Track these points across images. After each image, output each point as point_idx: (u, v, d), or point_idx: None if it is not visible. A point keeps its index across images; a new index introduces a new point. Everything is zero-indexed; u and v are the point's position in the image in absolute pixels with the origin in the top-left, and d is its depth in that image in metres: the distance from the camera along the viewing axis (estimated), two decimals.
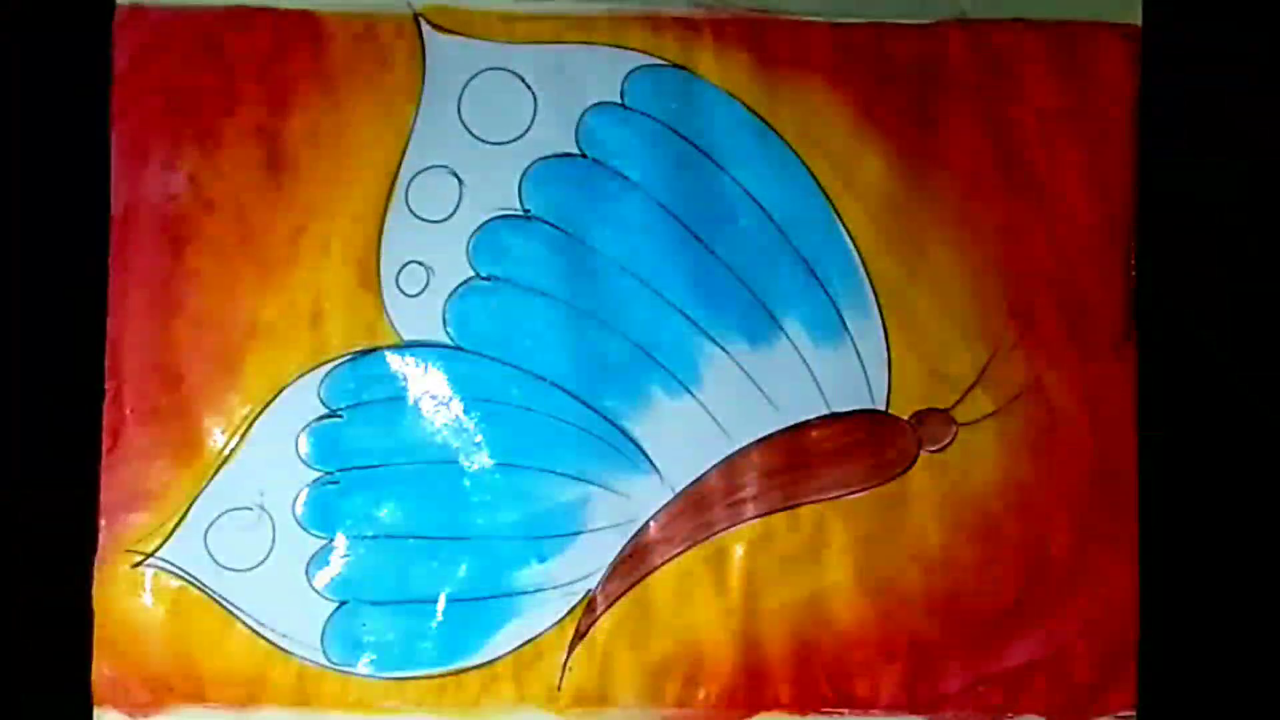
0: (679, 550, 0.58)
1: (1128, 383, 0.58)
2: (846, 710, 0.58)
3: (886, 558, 0.58)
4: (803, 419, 0.58)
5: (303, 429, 0.58)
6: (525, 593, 0.58)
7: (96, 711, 0.57)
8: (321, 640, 0.57)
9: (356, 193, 0.58)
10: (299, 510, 0.58)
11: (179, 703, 0.57)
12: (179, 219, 0.58)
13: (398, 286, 0.58)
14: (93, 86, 0.58)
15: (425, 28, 0.59)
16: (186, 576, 0.58)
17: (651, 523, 0.58)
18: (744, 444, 0.58)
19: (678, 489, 0.58)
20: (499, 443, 0.58)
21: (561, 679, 0.58)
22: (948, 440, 0.58)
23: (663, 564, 0.58)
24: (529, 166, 0.59)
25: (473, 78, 0.59)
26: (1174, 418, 0.60)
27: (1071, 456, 0.58)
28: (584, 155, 0.59)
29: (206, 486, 0.58)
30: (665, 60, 0.59)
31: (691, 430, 0.58)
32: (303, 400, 0.58)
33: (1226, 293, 0.62)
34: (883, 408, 0.59)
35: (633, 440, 0.58)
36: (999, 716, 0.58)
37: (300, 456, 0.58)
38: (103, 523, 0.57)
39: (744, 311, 0.58)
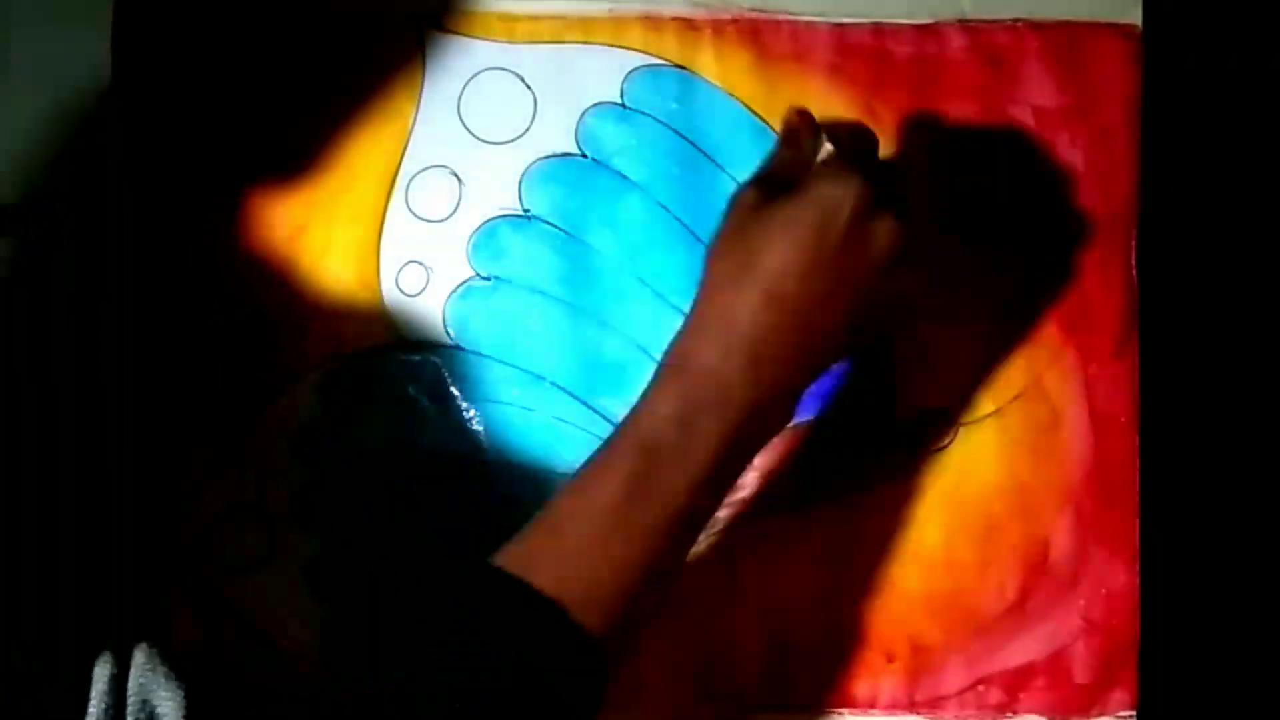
0: None
1: (1128, 383, 0.58)
2: (846, 710, 0.58)
3: (886, 558, 0.58)
4: (802, 418, 0.58)
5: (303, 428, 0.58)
6: None
7: None
8: None
9: (356, 193, 0.58)
10: (297, 510, 0.58)
11: None
12: (179, 218, 0.58)
13: (398, 286, 0.58)
14: (93, 86, 0.58)
15: (425, 27, 0.59)
16: None
17: None
18: None
19: None
20: (499, 443, 0.58)
21: None
22: (948, 440, 0.58)
23: None
24: (529, 166, 0.58)
25: (473, 78, 0.59)
26: (1174, 418, 0.60)
27: (1071, 456, 0.58)
28: (584, 155, 0.59)
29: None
30: (665, 60, 0.59)
31: None
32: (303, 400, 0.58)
33: (1226, 293, 0.62)
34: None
35: None
36: (999, 716, 0.58)
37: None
38: None
39: None
